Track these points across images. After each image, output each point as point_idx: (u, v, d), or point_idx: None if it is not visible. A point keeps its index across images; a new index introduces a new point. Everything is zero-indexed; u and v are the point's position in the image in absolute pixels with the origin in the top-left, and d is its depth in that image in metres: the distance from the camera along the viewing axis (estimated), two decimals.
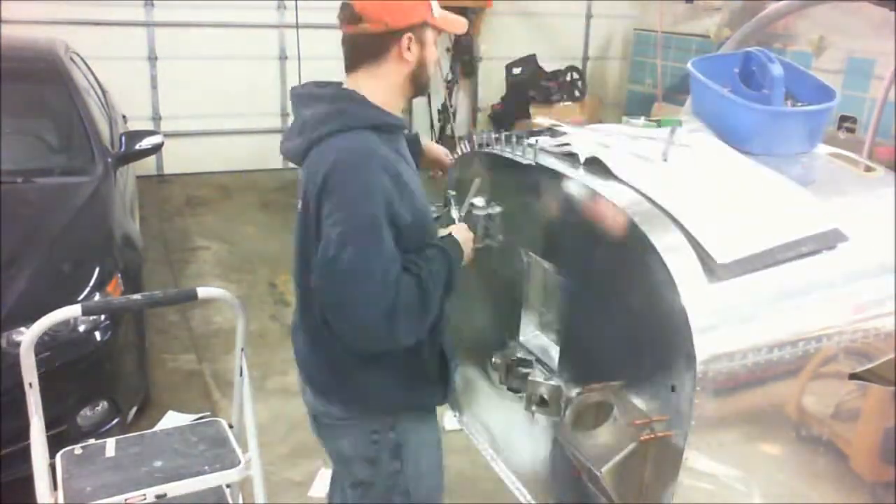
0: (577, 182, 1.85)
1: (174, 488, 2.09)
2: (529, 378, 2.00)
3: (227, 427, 2.38)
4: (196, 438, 2.30)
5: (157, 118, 7.02)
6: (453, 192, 2.17)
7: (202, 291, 2.21)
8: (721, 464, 1.66)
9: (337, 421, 1.88)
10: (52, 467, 2.18)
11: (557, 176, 1.90)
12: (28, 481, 2.70)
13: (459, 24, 1.83)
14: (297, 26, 6.33)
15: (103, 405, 2.79)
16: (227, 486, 2.54)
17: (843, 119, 5.43)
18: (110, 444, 2.28)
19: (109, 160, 3.62)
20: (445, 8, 1.77)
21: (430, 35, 1.75)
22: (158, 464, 2.16)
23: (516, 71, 8.04)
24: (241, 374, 2.41)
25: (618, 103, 8.91)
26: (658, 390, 1.67)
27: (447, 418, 2.94)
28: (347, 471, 1.97)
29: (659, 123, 2.19)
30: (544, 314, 2.17)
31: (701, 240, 1.61)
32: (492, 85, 8.40)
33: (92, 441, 2.31)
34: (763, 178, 1.89)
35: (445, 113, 7.91)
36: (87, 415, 2.73)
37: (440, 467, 2.03)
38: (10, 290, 2.64)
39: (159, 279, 4.68)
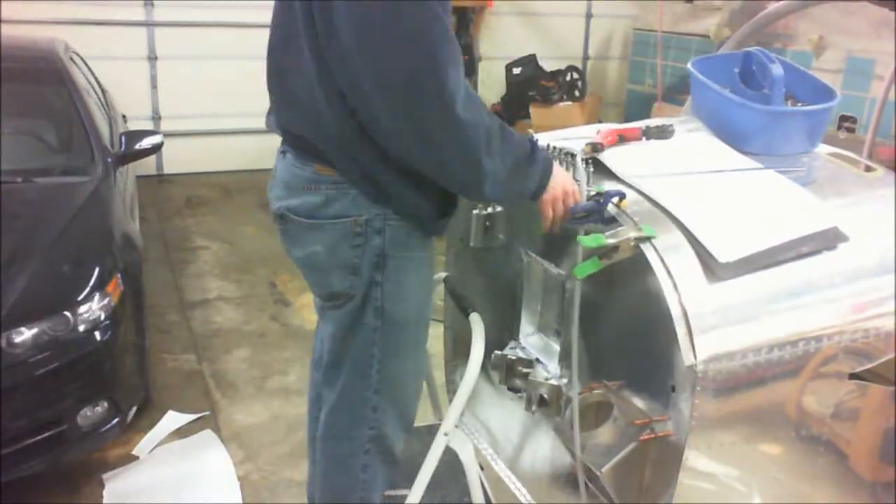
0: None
1: None
2: (529, 378, 2.01)
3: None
4: None
5: (157, 118, 7.02)
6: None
7: None
8: (721, 464, 1.66)
9: (311, 217, 1.75)
10: None
11: None
12: (28, 481, 2.71)
13: None
14: None
15: (103, 405, 2.78)
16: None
17: (843, 119, 5.43)
18: None
19: (109, 160, 3.61)
20: None
21: None
22: None
23: (516, 71, 8.04)
24: None
25: (618, 103, 8.91)
26: (658, 390, 1.68)
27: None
28: (323, 283, 1.84)
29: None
30: (544, 314, 2.17)
31: (702, 239, 1.61)
32: (492, 85, 8.40)
33: None
34: (763, 178, 1.89)
35: None
36: (87, 415, 2.73)
37: (425, 307, 1.89)
38: (10, 290, 2.64)
39: (159, 279, 4.68)
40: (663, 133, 2.02)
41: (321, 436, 1.98)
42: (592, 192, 1.74)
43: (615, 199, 1.69)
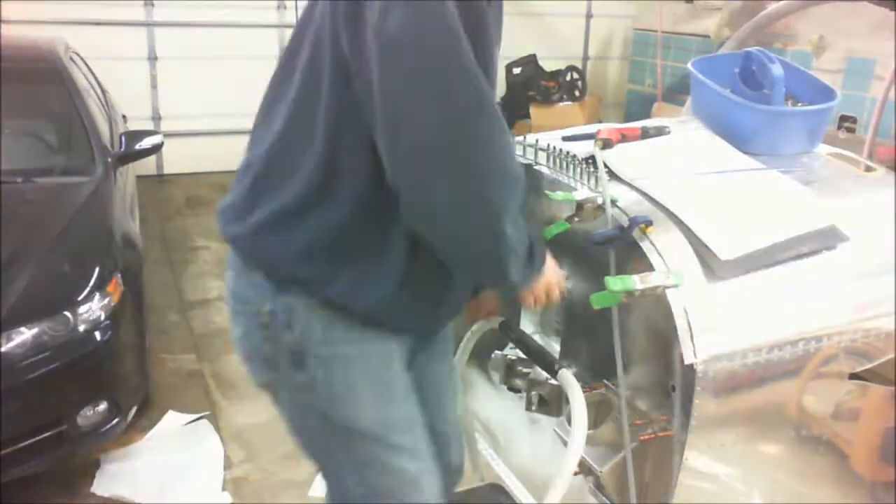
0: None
1: None
2: (529, 378, 2.00)
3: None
4: None
5: (157, 118, 7.02)
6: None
7: None
8: (721, 464, 1.66)
9: (233, 299, 1.53)
10: None
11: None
12: (28, 481, 2.71)
13: None
14: None
15: (103, 405, 2.78)
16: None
17: (843, 119, 5.42)
18: None
19: (109, 160, 3.61)
20: None
21: None
22: None
23: (516, 71, 8.04)
24: None
25: (618, 103, 8.91)
26: (658, 390, 1.68)
27: None
28: (250, 371, 1.60)
29: None
30: (544, 314, 2.17)
31: (703, 237, 1.61)
32: None
33: None
34: (764, 178, 1.89)
35: None
36: (87, 415, 2.73)
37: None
38: (10, 290, 2.64)
39: (159, 279, 4.68)
40: (662, 134, 2.02)
41: None
42: (600, 201, 1.69)
43: (641, 225, 1.61)
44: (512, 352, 2.11)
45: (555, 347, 2.10)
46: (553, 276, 1.56)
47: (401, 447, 1.55)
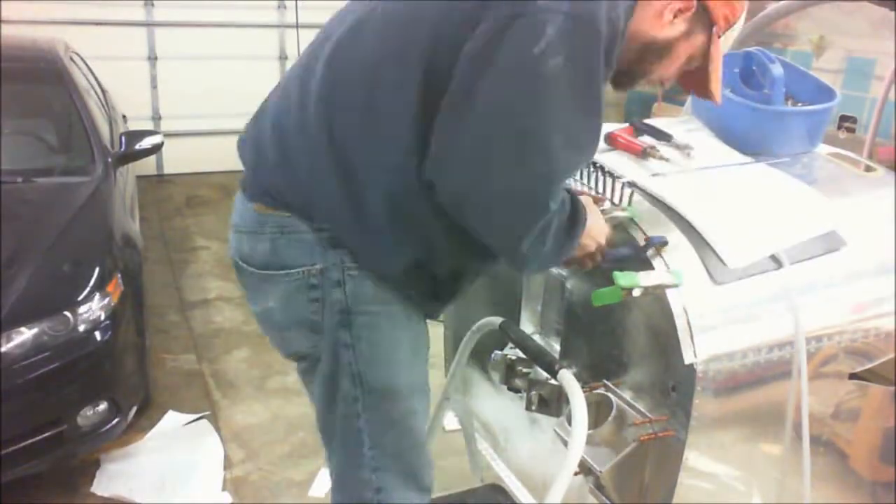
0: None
1: None
2: (529, 378, 2.00)
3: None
4: None
5: (157, 118, 7.02)
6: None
7: None
8: (721, 464, 1.66)
9: (265, 267, 1.52)
10: None
11: None
12: (28, 481, 2.71)
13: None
14: (297, 26, 6.33)
15: (103, 405, 2.78)
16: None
17: (843, 119, 5.42)
18: None
19: (109, 160, 3.62)
20: None
21: (699, 36, 1.47)
22: None
23: None
24: None
25: (618, 103, 8.90)
26: (658, 390, 1.67)
27: (447, 418, 2.92)
28: (282, 343, 1.62)
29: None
30: (544, 314, 2.17)
31: (713, 242, 1.61)
32: None
33: None
34: (764, 178, 1.89)
35: None
36: (87, 415, 2.73)
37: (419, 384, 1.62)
38: (10, 290, 2.64)
39: (159, 279, 4.68)
40: (656, 133, 2.03)
41: None
42: (622, 215, 1.69)
43: (656, 245, 1.62)
44: (512, 352, 2.11)
45: (555, 347, 2.10)
46: (598, 234, 1.57)
47: (419, 409, 1.61)
